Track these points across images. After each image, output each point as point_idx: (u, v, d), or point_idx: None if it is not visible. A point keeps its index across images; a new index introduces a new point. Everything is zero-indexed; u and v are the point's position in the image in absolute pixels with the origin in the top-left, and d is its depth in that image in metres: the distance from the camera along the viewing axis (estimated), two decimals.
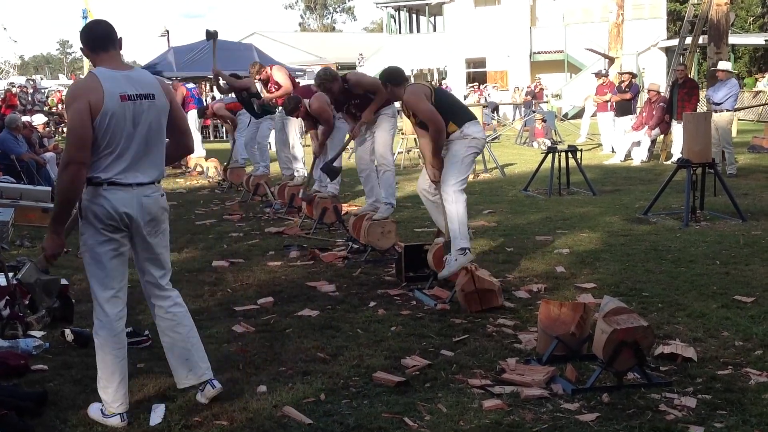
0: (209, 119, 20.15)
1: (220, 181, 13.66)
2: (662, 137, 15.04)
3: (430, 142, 5.75)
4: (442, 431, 3.57)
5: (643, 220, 8.80)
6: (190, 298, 5.99)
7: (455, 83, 35.89)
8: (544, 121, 19.79)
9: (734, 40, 29.06)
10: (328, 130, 8.65)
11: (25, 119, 13.57)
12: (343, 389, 4.07)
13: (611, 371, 4.01)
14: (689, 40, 15.89)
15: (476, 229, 8.56)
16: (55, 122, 24.33)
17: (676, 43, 18.80)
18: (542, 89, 31.20)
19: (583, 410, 3.75)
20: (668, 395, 3.88)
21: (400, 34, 40.29)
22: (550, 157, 11.31)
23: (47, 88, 36.04)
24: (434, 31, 40.77)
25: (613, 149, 16.39)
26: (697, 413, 3.67)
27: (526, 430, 3.56)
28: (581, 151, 11.96)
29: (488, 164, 14.18)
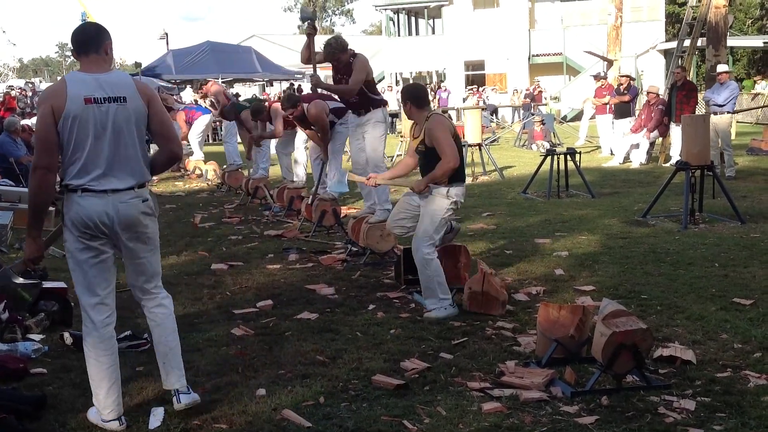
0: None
1: (218, 184, 13.67)
2: (661, 140, 15.06)
3: (438, 168, 5.46)
4: None
5: (641, 222, 8.80)
6: (189, 301, 6.00)
7: (454, 86, 35.89)
8: (542, 123, 19.79)
9: (733, 42, 29.06)
10: (324, 137, 8.61)
11: (23, 122, 13.56)
12: (342, 392, 4.06)
13: (610, 374, 4.02)
14: (688, 42, 15.92)
15: (475, 231, 8.57)
16: None
17: (674, 45, 18.82)
18: (541, 92, 31.18)
19: (582, 413, 3.75)
20: (667, 398, 3.88)
21: (398, 36, 40.26)
22: (548, 159, 11.32)
23: None
24: (433, 33, 40.76)
25: (611, 152, 16.40)
26: (696, 416, 3.68)
27: None
28: (580, 153, 11.99)
29: (487, 167, 14.19)
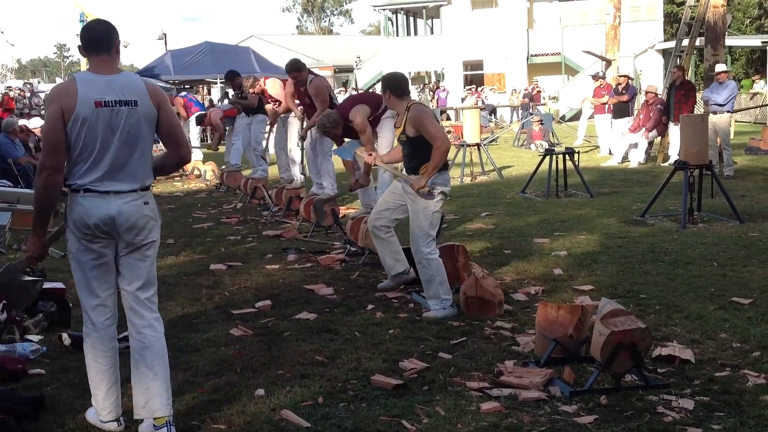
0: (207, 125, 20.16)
1: (217, 184, 13.67)
2: (659, 139, 15.07)
3: (433, 157, 5.36)
4: None
5: (640, 222, 8.80)
6: (187, 301, 5.99)
7: (452, 86, 35.92)
8: (541, 123, 19.80)
9: (731, 42, 29.06)
10: (320, 113, 8.54)
11: (22, 123, 13.55)
12: (341, 392, 4.06)
13: (609, 373, 4.02)
14: (686, 42, 15.92)
15: (474, 231, 8.57)
16: None
17: (673, 45, 18.81)
18: (539, 91, 31.20)
19: (581, 412, 3.75)
20: (666, 397, 3.88)
21: (397, 36, 40.27)
22: (547, 159, 11.31)
23: (44, 91, 35.96)
24: (431, 33, 40.75)
25: (610, 151, 16.40)
26: (695, 415, 3.68)
27: None
28: (578, 153, 11.99)
29: (486, 166, 14.19)
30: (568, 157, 11.27)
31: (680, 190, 8.84)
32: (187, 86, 26.70)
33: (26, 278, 4.83)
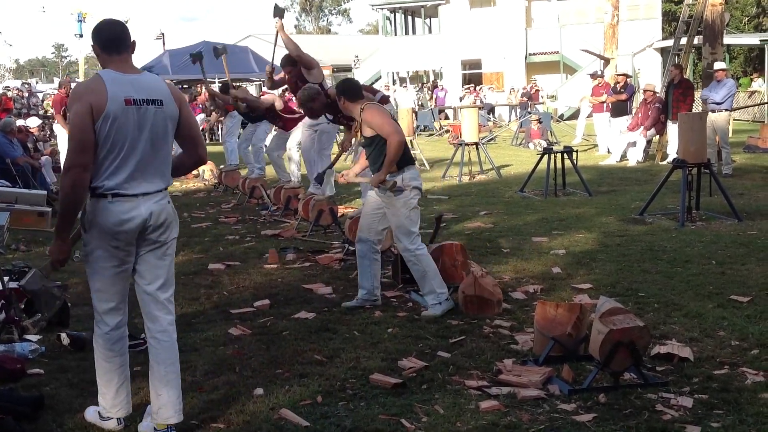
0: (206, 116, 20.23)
1: (215, 184, 13.67)
2: (658, 138, 15.07)
3: (388, 152, 5.35)
4: None
5: (639, 220, 8.81)
6: (186, 301, 5.99)
7: (451, 85, 35.88)
8: (539, 122, 19.81)
9: (729, 40, 29.06)
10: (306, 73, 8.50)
11: (20, 123, 13.54)
12: (339, 391, 4.06)
13: (608, 372, 4.02)
14: (684, 40, 15.92)
15: (472, 230, 8.57)
16: (50, 126, 24.29)
17: (671, 43, 18.83)
18: (538, 90, 31.21)
19: (579, 411, 3.75)
20: (665, 395, 3.89)
21: (395, 35, 40.23)
22: (546, 158, 11.31)
23: (42, 91, 35.94)
24: (430, 32, 40.72)
25: (608, 150, 16.40)
26: (693, 413, 3.68)
27: (522, 431, 3.56)
28: (577, 151, 11.99)
29: (484, 165, 14.19)
30: (566, 155, 11.27)
31: (679, 188, 8.85)
32: (185, 86, 26.70)
33: (50, 284, 4.84)
